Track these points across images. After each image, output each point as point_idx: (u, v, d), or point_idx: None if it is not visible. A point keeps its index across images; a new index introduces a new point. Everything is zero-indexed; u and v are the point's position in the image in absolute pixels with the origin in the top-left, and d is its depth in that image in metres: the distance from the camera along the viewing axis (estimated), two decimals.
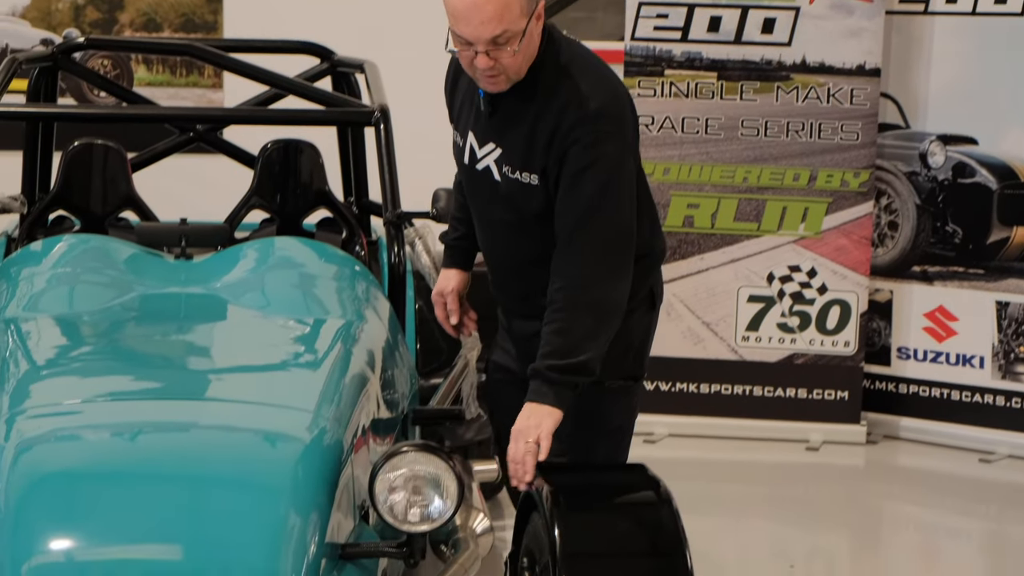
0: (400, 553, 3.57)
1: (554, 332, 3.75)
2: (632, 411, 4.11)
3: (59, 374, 4.05)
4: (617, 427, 4.05)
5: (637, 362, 4.04)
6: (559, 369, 3.73)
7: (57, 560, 3.20)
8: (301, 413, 3.76)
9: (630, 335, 3.96)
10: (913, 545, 6.37)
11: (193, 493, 3.37)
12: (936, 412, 7.32)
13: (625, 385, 4.03)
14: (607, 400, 3.98)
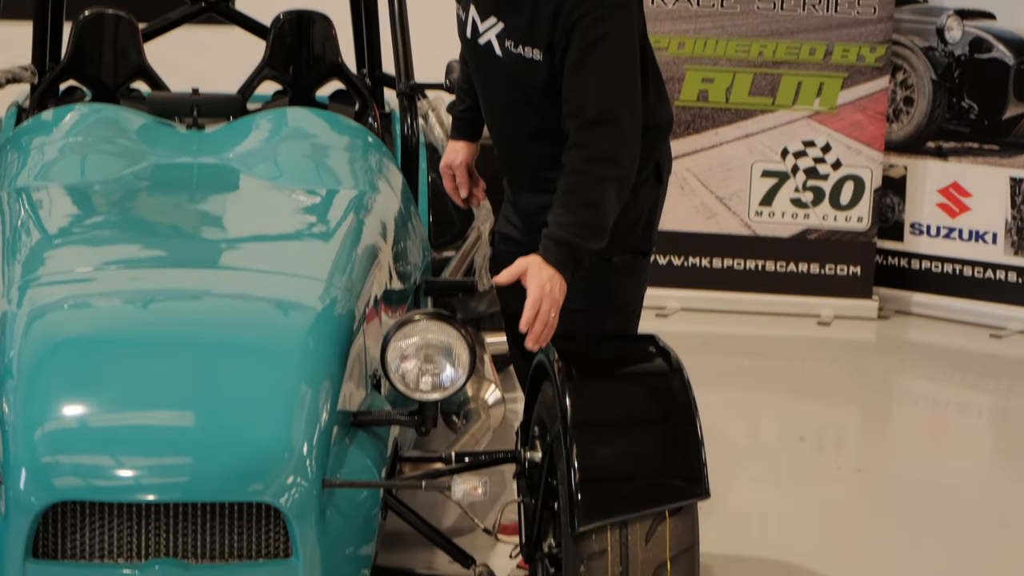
0: (411, 421, 3.57)
1: (577, 203, 3.66)
2: (640, 287, 4.06)
3: (71, 243, 4.03)
4: (625, 303, 4.02)
5: (645, 236, 3.99)
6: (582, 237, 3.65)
7: (69, 426, 3.19)
8: (313, 282, 3.74)
9: (637, 208, 3.90)
10: (923, 419, 6.37)
11: (205, 360, 3.35)
12: (948, 288, 7.30)
13: (633, 260, 3.97)
14: (615, 275, 3.93)
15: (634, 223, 3.91)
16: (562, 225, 3.65)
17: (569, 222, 3.65)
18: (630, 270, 3.97)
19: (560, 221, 3.65)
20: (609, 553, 3.41)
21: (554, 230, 3.65)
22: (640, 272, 4.01)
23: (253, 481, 3.14)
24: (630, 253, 3.96)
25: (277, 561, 3.16)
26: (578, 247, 3.64)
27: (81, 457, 3.14)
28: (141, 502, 3.10)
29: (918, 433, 6.17)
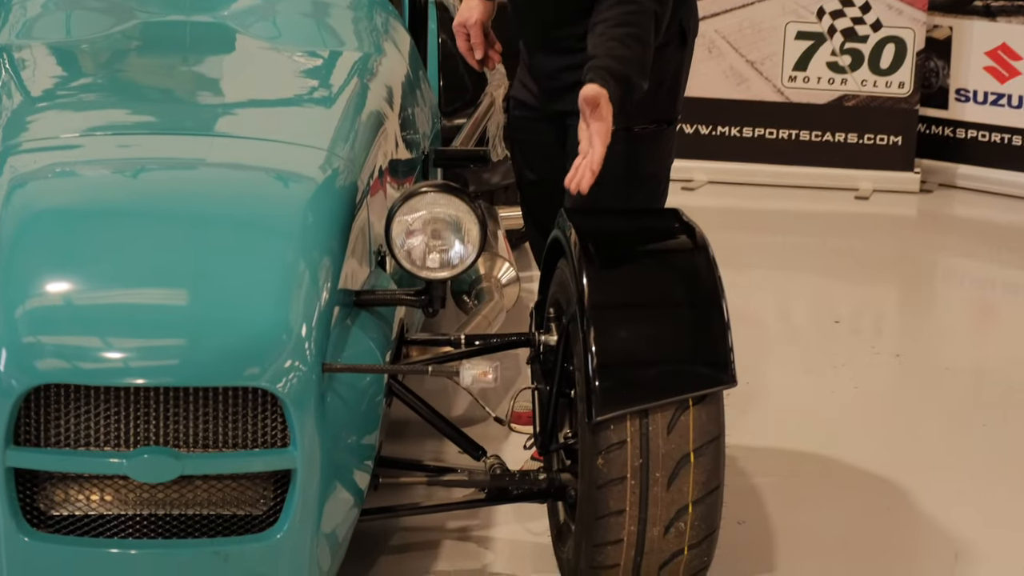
0: (418, 301, 3.53)
1: (630, 37, 3.62)
2: (666, 157, 4.02)
3: (55, 107, 3.98)
4: (651, 175, 3.98)
5: (669, 103, 3.94)
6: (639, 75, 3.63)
7: (53, 304, 3.16)
8: (313, 151, 3.69)
9: (660, 72, 3.83)
10: (967, 300, 6.33)
11: (197, 234, 3.31)
12: (996, 159, 7.23)
13: (657, 129, 3.94)
14: (638, 145, 3.89)
15: (656, 89, 3.84)
16: (619, 59, 3.59)
17: (625, 56, 3.60)
18: (654, 140, 3.92)
19: (615, 54, 3.59)
20: (628, 444, 3.39)
21: (610, 63, 3.59)
22: (665, 142, 3.97)
23: (248, 365, 3.10)
24: (653, 122, 3.92)
25: (274, 451, 3.14)
26: (634, 86, 3.62)
27: (65, 337, 3.10)
28: (129, 386, 3.07)
29: (963, 315, 6.13)
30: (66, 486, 3.17)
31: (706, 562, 3.55)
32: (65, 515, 3.16)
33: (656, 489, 3.41)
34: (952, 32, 7.21)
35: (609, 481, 3.41)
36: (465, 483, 3.63)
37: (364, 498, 3.40)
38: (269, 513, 3.20)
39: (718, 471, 3.45)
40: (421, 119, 4.66)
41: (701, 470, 3.43)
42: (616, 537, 3.45)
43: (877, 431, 4.79)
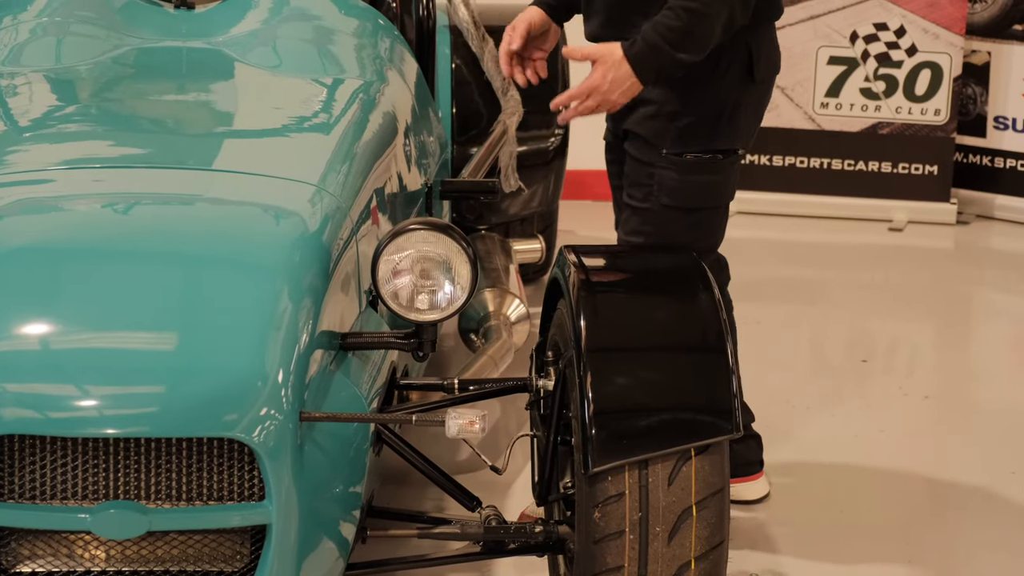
0: (407, 344, 3.42)
1: (685, 7, 3.66)
2: (718, 193, 3.95)
3: (39, 137, 3.88)
4: (694, 208, 3.92)
5: (728, 134, 3.88)
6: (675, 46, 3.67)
7: (20, 348, 3.05)
8: (302, 186, 3.58)
9: (718, 100, 3.84)
10: (1005, 337, 6.18)
11: (173, 274, 3.21)
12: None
13: (711, 161, 3.88)
14: (685, 174, 3.87)
15: (713, 118, 3.85)
16: (659, 25, 3.67)
17: (668, 25, 3.66)
18: (707, 170, 3.87)
19: (659, 21, 3.67)
20: (627, 496, 3.27)
21: (648, 29, 3.68)
22: (717, 174, 3.90)
23: (221, 414, 2.99)
24: (707, 151, 3.87)
25: (247, 505, 3.02)
26: (666, 54, 3.67)
27: (31, 385, 2.99)
28: (96, 436, 2.97)
29: (1000, 352, 5.99)
30: (31, 541, 3.06)
31: None
32: (30, 572, 3.05)
33: (656, 544, 3.29)
34: (991, 57, 7.08)
35: (607, 535, 3.29)
36: (459, 536, 3.51)
37: (350, 552, 3.29)
38: (245, 570, 3.09)
39: (722, 525, 3.33)
40: (425, 150, 4.55)
41: (704, 524, 3.30)
42: None
43: (901, 478, 4.65)
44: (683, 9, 3.66)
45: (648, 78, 3.70)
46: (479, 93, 5.64)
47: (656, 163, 3.85)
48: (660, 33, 3.66)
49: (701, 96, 3.83)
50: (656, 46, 3.66)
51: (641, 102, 3.82)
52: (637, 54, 3.67)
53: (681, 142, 3.81)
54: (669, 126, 3.84)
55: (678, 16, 3.66)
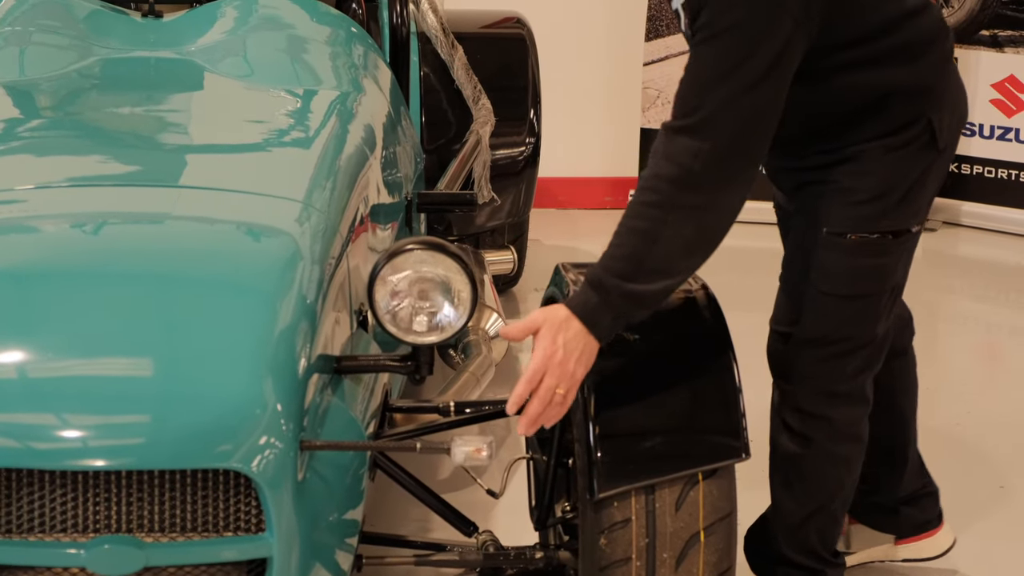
0: (404, 367, 3.32)
1: (632, 230, 3.07)
2: (885, 274, 3.45)
3: (7, 152, 3.76)
4: (860, 293, 3.45)
5: (899, 212, 3.39)
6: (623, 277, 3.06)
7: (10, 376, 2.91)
8: (288, 203, 3.48)
9: (891, 176, 3.35)
10: (973, 344, 6.15)
11: (162, 297, 3.09)
12: (1003, 196, 7.07)
13: (879, 241, 3.40)
14: (847, 256, 3.40)
15: (887, 194, 3.36)
16: (604, 259, 3.08)
17: (611, 254, 3.07)
18: (871, 252, 3.40)
19: (605, 254, 3.09)
20: (633, 523, 3.20)
21: (592, 266, 3.12)
22: (884, 255, 3.42)
23: (218, 444, 2.87)
24: (875, 232, 3.39)
25: (248, 537, 2.91)
26: (615, 289, 3.05)
27: (16, 415, 2.86)
28: (87, 469, 2.85)
29: (969, 359, 5.96)
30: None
31: None
32: None
33: (663, 571, 3.22)
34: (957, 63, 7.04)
35: (613, 562, 3.21)
36: (457, 563, 3.42)
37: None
38: None
39: (730, 551, 3.26)
40: (404, 161, 4.46)
41: (712, 550, 3.23)
42: None
43: None
44: (627, 230, 3.07)
45: (603, 328, 3.05)
46: (448, 101, 5.56)
47: (815, 244, 3.39)
48: (604, 266, 3.06)
49: (877, 171, 3.35)
50: (599, 282, 3.04)
51: (811, 181, 3.41)
52: (580, 301, 3.06)
53: (846, 221, 3.36)
54: (834, 203, 3.37)
55: (621, 241, 3.06)
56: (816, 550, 3.60)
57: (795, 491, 3.56)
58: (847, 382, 3.49)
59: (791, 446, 3.53)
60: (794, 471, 3.55)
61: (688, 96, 3.10)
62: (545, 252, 6.64)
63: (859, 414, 3.53)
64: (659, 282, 3.08)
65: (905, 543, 3.99)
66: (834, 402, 3.49)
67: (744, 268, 3.46)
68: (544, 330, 3.06)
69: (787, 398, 3.53)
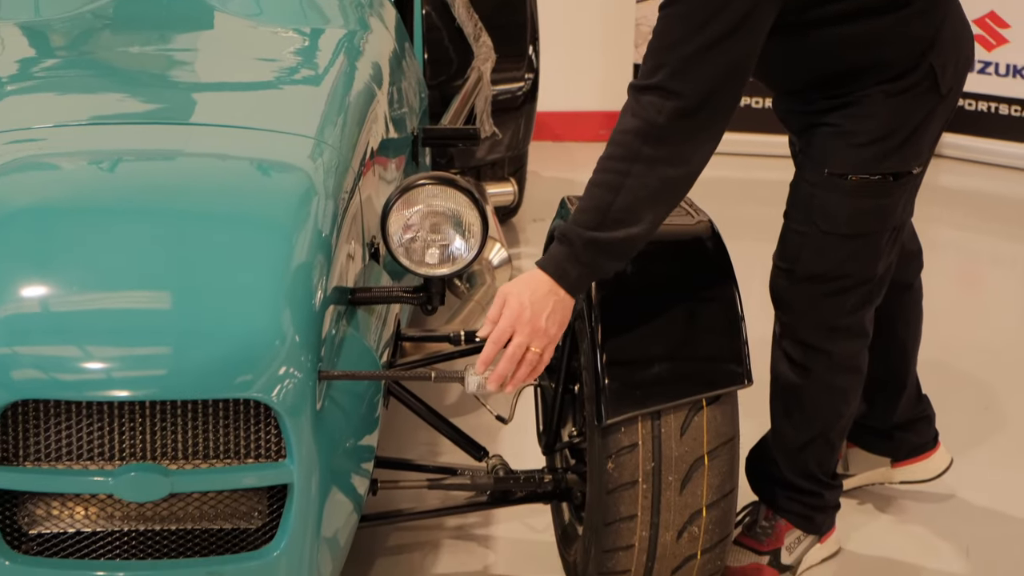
0: (417, 298, 3.28)
1: (600, 184, 3.03)
2: (885, 215, 3.36)
3: (24, 91, 3.71)
4: (858, 233, 3.37)
5: (902, 155, 3.31)
6: (591, 227, 3.01)
7: (30, 312, 2.87)
8: (301, 139, 3.43)
9: (892, 120, 3.27)
10: (953, 271, 6.11)
11: (183, 232, 3.04)
12: (982, 128, 7.01)
13: (880, 183, 3.32)
14: (847, 197, 3.33)
15: (885, 137, 3.29)
16: (571, 214, 3.05)
17: (578, 208, 3.03)
18: (872, 193, 3.33)
19: (577, 208, 3.05)
20: (640, 447, 3.17)
21: (562, 224, 3.07)
22: (885, 196, 3.34)
23: (240, 374, 2.83)
24: (875, 173, 3.32)
25: (269, 464, 2.88)
26: (579, 239, 3.00)
27: (44, 349, 2.82)
28: (113, 399, 2.81)
29: (949, 287, 5.91)
30: (47, 503, 2.91)
31: (720, 566, 3.34)
32: (47, 533, 2.91)
33: (669, 493, 3.19)
34: None
35: (620, 486, 3.19)
36: (469, 486, 3.40)
37: (363, 504, 3.17)
38: (264, 527, 2.95)
39: (733, 474, 3.24)
40: (409, 97, 4.40)
41: (715, 473, 3.21)
42: (627, 543, 3.23)
43: None
44: (592, 185, 3.03)
45: (571, 280, 3.00)
46: (449, 39, 5.49)
47: (817, 184, 3.34)
48: (571, 219, 3.03)
49: (878, 114, 3.27)
50: (565, 235, 3.01)
51: (815, 124, 3.34)
52: (548, 256, 3.03)
53: (847, 163, 3.29)
54: (836, 145, 3.30)
55: (587, 194, 3.03)
56: (815, 474, 3.57)
57: (794, 419, 3.52)
58: (846, 317, 3.43)
59: (791, 376, 3.48)
60: (794, 400, 3.51)
61: (654, 57, 3.01)
62: (543, 183, 6.59)
63: (858, 347, 3.48)
64: (622, 230, 3.01)
65: (900, 466, 3.97)
66: (834, 336, 3.44)
67: (754, 200, 3.40)
68: (510, 298, 3.02)
69: (788, 331, 3.47)
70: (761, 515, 3.61)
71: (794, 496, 3.60)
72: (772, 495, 3.62)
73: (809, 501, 3.59)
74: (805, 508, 3.60)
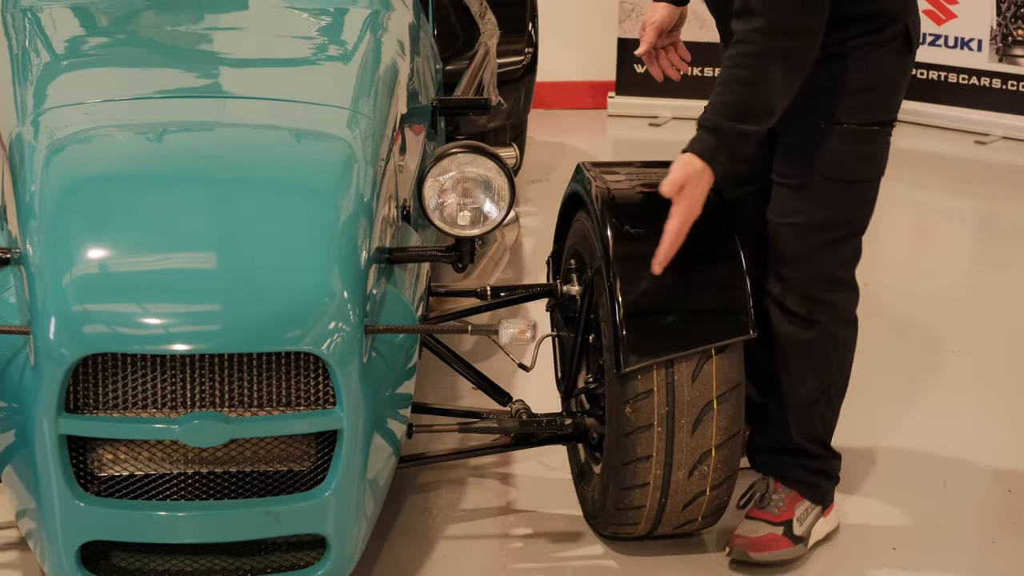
0: (449, 257, 3.21)
1: (737, 80, 3.04)
2: (872, 162, 3.29)
3: (81, 66, 3.63)
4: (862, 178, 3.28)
5: (883, 106, 3.26)
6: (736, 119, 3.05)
7: (99, 272, 2.80)
8: (338, 110, 3.35)
9: (875, 74, 3.21)
10: (908, 225, 6.05)
11: (236, 197, 2.97)
12: (933, 95, 6.94)
13: (868, 131, 3.24)
14: (840, 144, 3.23)
15: (869, 88, 3.22)
16: (715, 106, 3.06)
17: (722, 102, 3.05)
18: (867, 140, 3.25)
19: (714, 101, 3.06)
20: (655, 393, 3.11)
21: (705, 113, 3.08)
22: (876, 143, 3.28)
23: (293, 329, 2.77)
24: (866, 122, 3.24)
25: (321, 412, 2.82)
26: (730, 131, 3.05)
27: (114, 305, 2.75)
28: (178, 353, 2.74)
29: (904, 239, 5.86)
30: (114, 448, 2.85)
31: (726, 500, 3.29)
32: (114, 475, 2.84)
33: (681, 435, 3.14)
34: None
35: (637, 429, 3.13)
36: (496, 429, 3.34)
37: (401, 448, 3.11)
38: (314, 468, 2.89)
39: (739, 417, 3.18)
40: (427, 70, 4.31)
41: (724, 416, 3.16)
42: (643, 481, 3.18)
43: None
44: (734, 80, 3.05)
45: (718, 165, 3.09)
46: (455, 16, 5.39)
47: (815, 135, 3.22)
48: (717, 111, 3.06)
49: (863, 69, 3.19)
50: (716, 126, 3.06)
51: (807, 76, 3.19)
52: (701, 144, 3.08)
53: (841, 112, 3.20)
54: (829, 97, 3.21)
55: (728, 88, 3.06)
56: (821, 437, 3.38)
57: (804, 375, 3.33)
58: (842, 268, 3.33)
59: (798, 333, 3.30)
60: (803, 356, 3.32)
61: None
62: (537, 148, 6.51)
63: (854, 299, 3.38)
64: (765, 120, 3.08)
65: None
66: (836, 286, 3.33)
67: None
68: (687, 188, 3.08)
69: (791, 285, 3.29)
70: (771, 488, 3.42)
71: (802, 463, 3.40)
72: (781, 466, 3.42)
73: (815, 466, 3.40)
74: (813, 475, 3.41)
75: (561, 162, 6.34)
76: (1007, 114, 6.79)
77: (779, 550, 3.34)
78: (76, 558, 2.79)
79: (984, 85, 6.82)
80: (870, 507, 3.62)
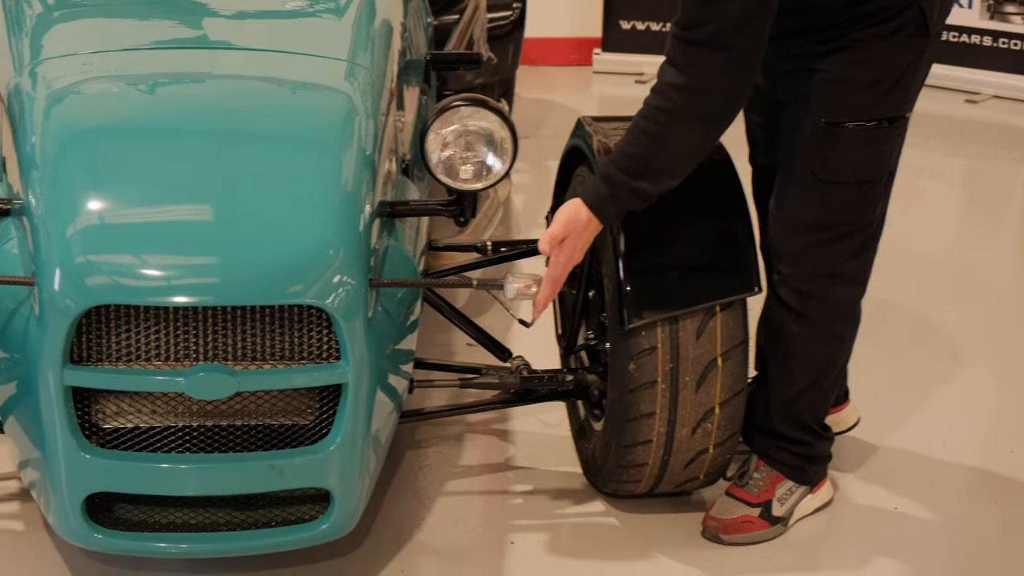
0: (451, 211, 3.25)
1: (643, 132, 2.96)
2: (881, 160, 3.17)
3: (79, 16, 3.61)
4: (859, 180, 3.17)
5: (894, 100, 3.11)
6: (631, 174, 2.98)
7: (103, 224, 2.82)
8: (337, 62, 3.38)
9: (885, 64, 3.06)
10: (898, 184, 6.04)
11: (239, 150, 3.00)
12: None
13: (876, 129, 3.11)
14: (846, 145, 3.11)
15: (882, 81, 3.07)
16: (616, 154, 3.00)
17: (623, 152, 2.98)
18: (870, 140, 3.12)
19: (617, 149, 3.01)
20: (659, 350, 3.16)
21: (606, 159, 3.04)
22: (882, 142, 3.14)
23: (298, 282, 2.81)
24: (871, 119, 3.11)
25: (326, 366, 2.86)
26: (623, 186, 2.98)
27: (119, 257, 2.78)
28: (183, 305, 2.78)
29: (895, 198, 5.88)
30: (117, 400, 2.89)
31: (728, 458, 3.35)
32: (119, 427, 2.88)
33: (686, 392, 3.19)
34: None
35: (640, 385, 3.18)
36: (498, 385, 3.39)
37: (404, 403, 3.15)
38: (317, 422, 2.94)
39: (743, 375, 3.24)
40: (420, 24, 4.34)
41: (728, 374, 3.21)
42: (646, 438, 3.23)
43: None
44: (640, 132, 2.96)
45: (607, 217, 3.02)
46: None
47: (814, 134, 3.11)
48: (615, 162, 2.99)
49: (872, 59, 3.05)
50: (610, 177, 2.99)
51: (803, 69, 3.12)
52: (592, 193, 3.01)
53: (844, 110, 3.08)
54: (831, 92, 3.09)
55: (633, 140, 2.97)
56: (808, 424, 3.37)
57: (791, 368, 3.31)
58: (847, 263, 3.23)
59: (789, 325, 3.27)
60: (791, 349, 3.29)
61: (698, 8, 2.87)
62: (524, 104, 6.55)
63: (856, 295, 3.31)
64: (663, 182, 3.00)
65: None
66: (833, 283, 3.25)
67: None
68: (569, 241, 3.03)
69: (786, 279, 3.25)
70: (752, 466, 3.41)
71: (786, 447, 3.39)
72: (764, 446, 3.41)
73: (801, 451, 3.38)
74: (797, 459, 3.39)
75: (548, 118, 6.38)
76: (998, 72, 6.86)
77: (751, 532, 3.34)
78: (82, 509, 2.83)
79: (975, 43, 6.88)
80: (871, 466, 3.68)
